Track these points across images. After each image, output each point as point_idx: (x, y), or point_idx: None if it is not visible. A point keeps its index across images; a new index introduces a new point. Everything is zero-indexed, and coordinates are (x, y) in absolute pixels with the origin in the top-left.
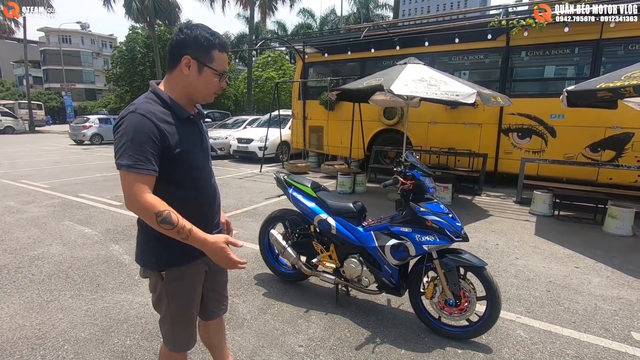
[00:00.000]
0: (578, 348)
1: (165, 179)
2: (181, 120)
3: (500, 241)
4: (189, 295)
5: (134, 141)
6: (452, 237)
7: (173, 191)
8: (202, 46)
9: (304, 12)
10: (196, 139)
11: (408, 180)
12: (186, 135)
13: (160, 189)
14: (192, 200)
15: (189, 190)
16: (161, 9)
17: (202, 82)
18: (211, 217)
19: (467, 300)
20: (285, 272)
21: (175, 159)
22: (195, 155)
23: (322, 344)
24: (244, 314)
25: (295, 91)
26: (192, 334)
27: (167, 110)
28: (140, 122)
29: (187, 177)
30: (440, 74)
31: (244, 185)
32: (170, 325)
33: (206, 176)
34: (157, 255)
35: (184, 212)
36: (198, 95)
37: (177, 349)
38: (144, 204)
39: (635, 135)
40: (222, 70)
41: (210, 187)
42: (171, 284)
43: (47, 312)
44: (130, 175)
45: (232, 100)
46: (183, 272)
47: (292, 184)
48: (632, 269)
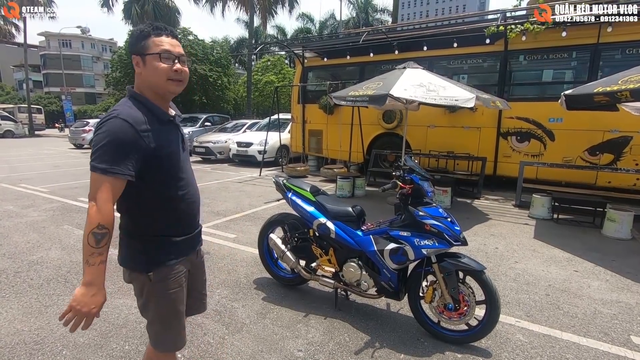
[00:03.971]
0: (577, 352)
1: (151, 181)
2: (162, 123)
3: (500, 245)
4: (178, 294)
5: (112, 145)
6: (451, 241)
7: (160, 192)
8: (138, 40)
9: (303, 17)
10: (176, 139)
11: (407, 184)
12: (168, 137)
13: (146, 191)
14: (179, 200)
15: (176, 191)
16: (161, 13)
17: (150, 72)
18: (195, 216)
19: (466, 304)
20: (285, 276)
21: (159, 161)
22: (178, 157)
23: (321, 349)
24: (243, 318)
25: (294, 95)
26: (182, 333)
27: (148, 114)
28: (120, 127)
29: (173, 178)
30: (439, 79)
31: (243, 189)
32: (160, 326)
33: (189, 176)
34: (143, 256)
35: (170, 211)
36: (158, 87)
37: (168, 350)
38: (104, 209)
39: (633, 138)
40: (160, 52)
41: (193, 187)
42: (159, 284)
43: (45, 317)
44: (103, 178)
45: (232, 104)
46: (170, 271)
47: (291, 188)
48: (632, 273)
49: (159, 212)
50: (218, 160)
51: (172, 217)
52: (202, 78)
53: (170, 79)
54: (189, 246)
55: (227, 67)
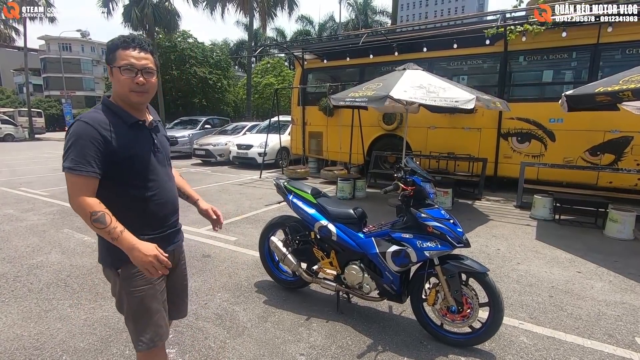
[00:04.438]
0: (582, 354)
1: (116, 179)
2: (128, 126)
3: (502, 246)
4: (147, 291)
5: (76, 146)
6: (454, 243)
7: (126, 191)
8: (109, 51)
9: (303, 19)
10: (146, 143)
11: (409, 186)
12: (133, 140)
13: (113, 189)
14: (146, 200)
15: (142, 190)
16: (160, 17)
17: (116, 83)
18: (165, 217)
19: (469, 307)
20: (286, 279)
21: (123, 162)
22: (146, 159)
23: (323, 353)
24: (244, 322)
25: (294, 97)
26: (158, 330)
27: (114, 118)
28: (84, 129)
29: (140, 179)
30: (439, 80)
31: (243, 191)
32: (132, 323)
33: (160, 178)
34: (112, 252)
35: (137, 210)
36: (124, 97)
37: (143, 348)
38: (81, 203)
39: (634, 138)
40: (124, 65)
41: (166, 189)
42: (127, 281)
43: (45, 322)
44: (71, 177)
45: (232, 106)
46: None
47: (292, 191)
48: (635, 274)
49: (125, 211)
50: (218, 163)
51: (140, 217)
52: (202, 81)
53: (133, 90)
54: (160, 244)
55: (226, 70)
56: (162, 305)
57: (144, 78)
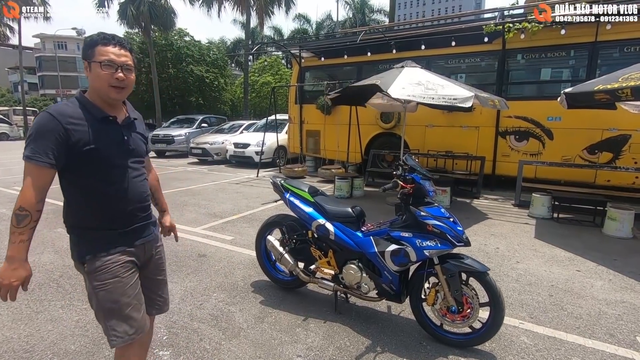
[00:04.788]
0: (584, 355)
1: (79, 172)
2: (98, 121)
3: (500, 245)
4: (115, 286)
5: (37, 137)
6: (454, 242)
7: (89, 185)
8: (88, 47)
9: (300, 18)
10: (115, 138)
11: (408, 183)
12: (99, 134)
13: (76, 182)
14: (109, 195)
15: (106, 185)
16: (157, 14)
17: (94, 77)
18: (132, 213)
19: (469, 307)
20: (283, 279)
21: (84, 155)
22: (109, 153)
23: (321, 354)
24: (240, 322)
25: (291, 95)
26: (132, 323)
27: (83, 111)
28: (46, 120)
29: (102, 172)
30: (438, 78)
31: (240, 190)
32: (103, 319)
33: (126, 174)
34: (77, 246)
35: (100, 204)
36: (101, 92)
37: (117, 343)
38: (25, 193)
39: (632, 136)
40: (104, 60)
41: (133, 186)
42: (93, 275)
43: (36, 324)
44: (27, 165)
45: (229, 105)
46: (103, 262)
47: (289, 189)
48: (634, 272)
49: (87, 206)
50: (215, 162)
51: (101, 211)
52: (198, 79)
53: (112, 85)
54: (126, 238)
55: (223, 68)
56: (136, 298)
57: (124, 74)
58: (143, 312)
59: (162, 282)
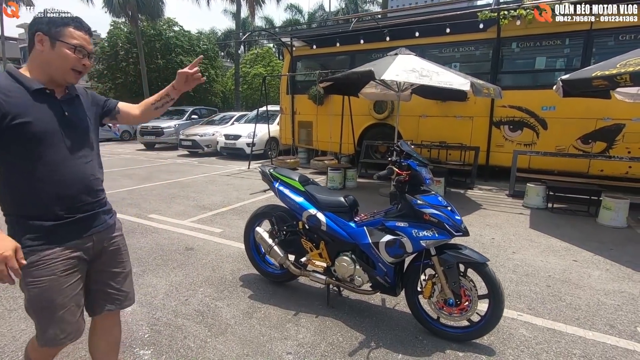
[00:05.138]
0: (584, 347)
1: (7, 149)
2: (30, 93)
3: (496, 235)
4: (50, 284)
5: None
6: (452, 232)
7: (20, 168)
8: (55, 23)
9: (292, 8)
10: (52, 114)
11: (403, 170)
12: (33, 107)
13: (5, 160)
14: (44, 181)
15: (39, 166)
16: (144, 3)
17: (56, 56)
18: (72, 200)
19: (467, 299)
20: (273, 272)
21: (13, 130)
22: (44, 129)
23: (312, 351)
24: (228, 319)
25: (283, 85)
26: (65, 327)
27: (13, 84)
28: None
29: (35, 151)
30: (432, 65)
31: (231, 182)
32: (34, 316)
33: (66, 153)
34: (13, 237)
35: (34, 188)
36: (57, 72)
37: (42, 344)
38: None
39: (626, 126)
40: (77, 45)
41: (73, 167)
42: (28, 270)
43: (8, 322)
44: None
45: (220, 97)
46: (40, 257)
47: (278, 178)
48: (631, 261)
49: (20, 191)
50: (205, 154)
51: (37, 197)
52: None
53: (75, 69)
54: (68, 230)
55: (214, 60)
56: (73, 299)
57: (90, 62)
58: (80, 315)
59: (121, 274)
